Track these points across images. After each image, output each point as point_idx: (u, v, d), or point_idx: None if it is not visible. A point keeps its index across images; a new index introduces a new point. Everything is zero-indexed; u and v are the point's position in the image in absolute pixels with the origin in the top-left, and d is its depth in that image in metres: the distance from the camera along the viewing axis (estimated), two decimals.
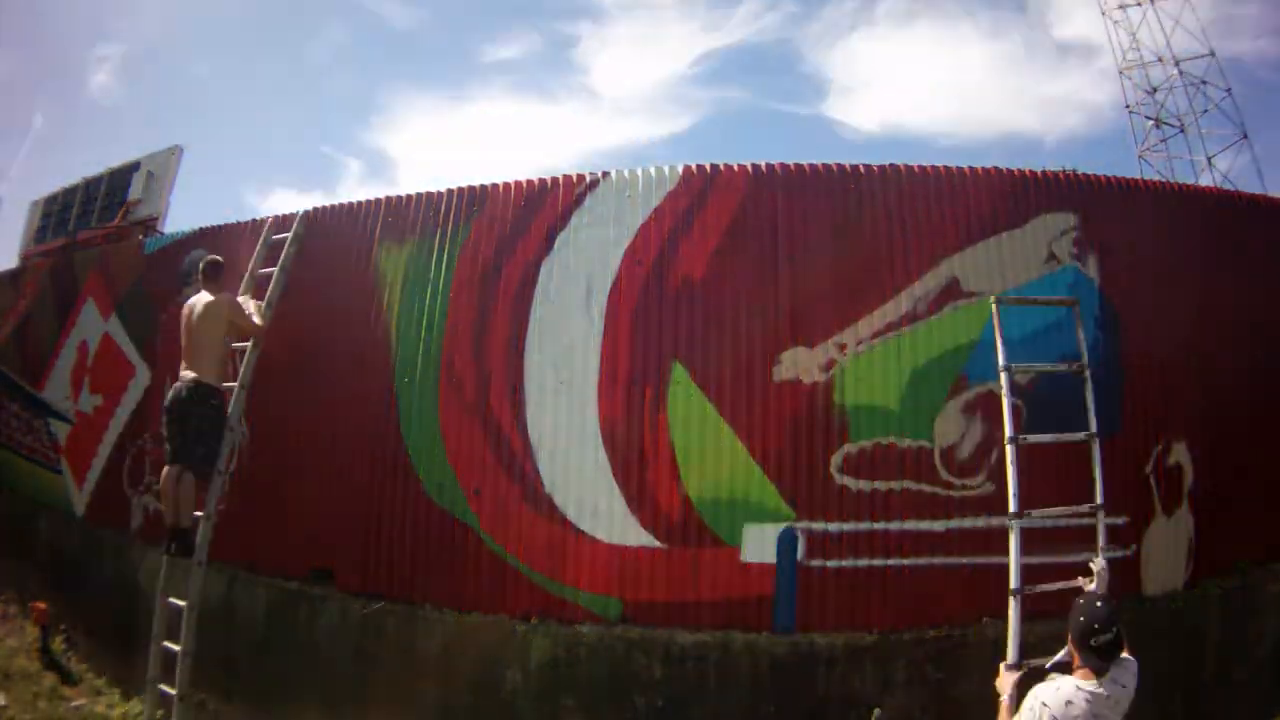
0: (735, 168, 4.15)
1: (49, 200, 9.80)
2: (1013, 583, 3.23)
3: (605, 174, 4.25)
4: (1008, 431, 3.40)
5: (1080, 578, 3.07)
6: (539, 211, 4.27)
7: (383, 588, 4.25)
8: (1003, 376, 3.49)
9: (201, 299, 4.39)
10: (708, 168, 4.15)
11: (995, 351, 3.95)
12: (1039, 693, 2.23)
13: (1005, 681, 2.61)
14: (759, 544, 3.78)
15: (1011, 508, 3.30)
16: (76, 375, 6.44)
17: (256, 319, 4.46)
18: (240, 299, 4.52)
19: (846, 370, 3.89)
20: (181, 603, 4.12)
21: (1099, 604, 2.28)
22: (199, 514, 4.23)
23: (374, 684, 4.15)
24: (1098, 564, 3.01)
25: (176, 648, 4.06)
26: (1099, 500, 3.43)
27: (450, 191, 4.53)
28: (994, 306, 3.62)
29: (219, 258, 4.57)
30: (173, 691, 4.02)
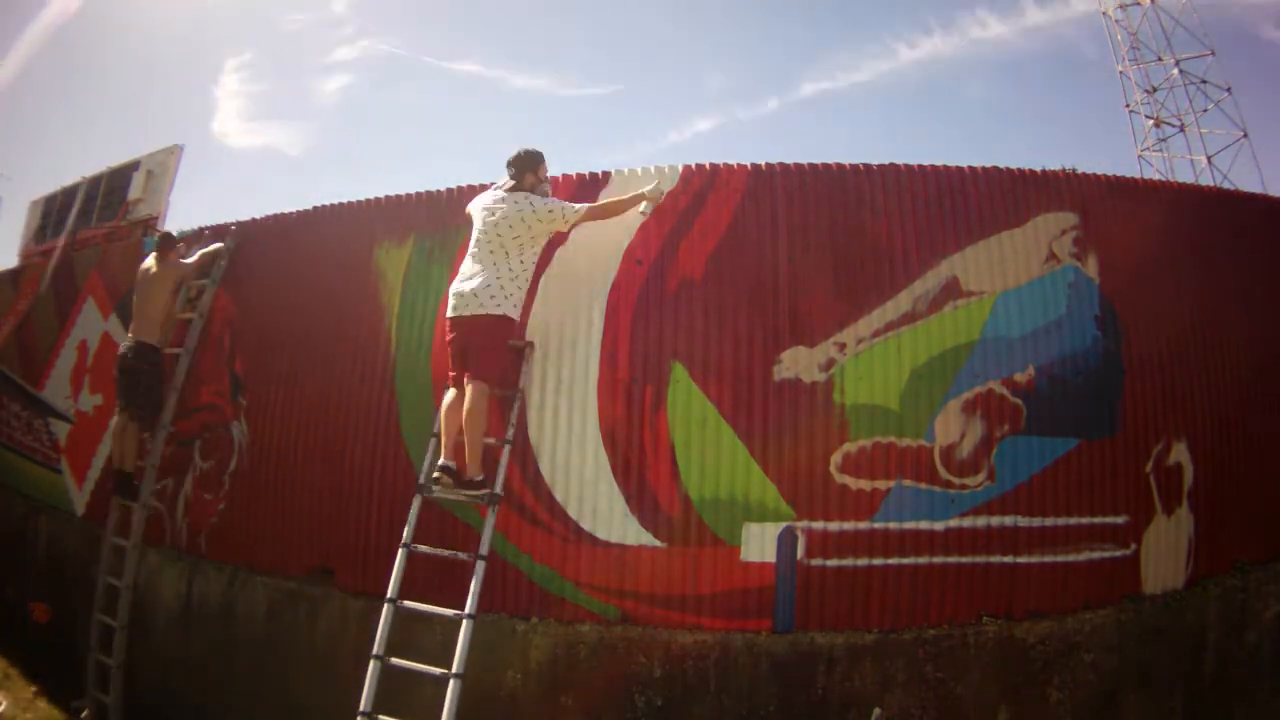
0: (735, 167, 4.14)
1: (49, 200, 9.81)
2: None
3: (605, 173, 4.24)
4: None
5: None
6: None
7: (383, 587, 4.23)
8: None
9: (150, 266, 5.00)
10: (707, 167, 4.15)
11: (995, 350, 3.98)
12: None
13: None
14: (759, 543, 3.78)
15: None
16: (76, 375, 6.44)
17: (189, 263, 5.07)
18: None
19: (846, 370, 3.89)
20: (119, 582, 4.68)
21: None
22: (142, 464, 4.82)
23: None
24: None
25: (114, 623, 4.65)
26: None
27: (450, 190, 4.53)
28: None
29: (170, 231, 5.27)
30: (111, 661, 4.56)
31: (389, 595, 3.66)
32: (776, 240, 4.02)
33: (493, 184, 4.13)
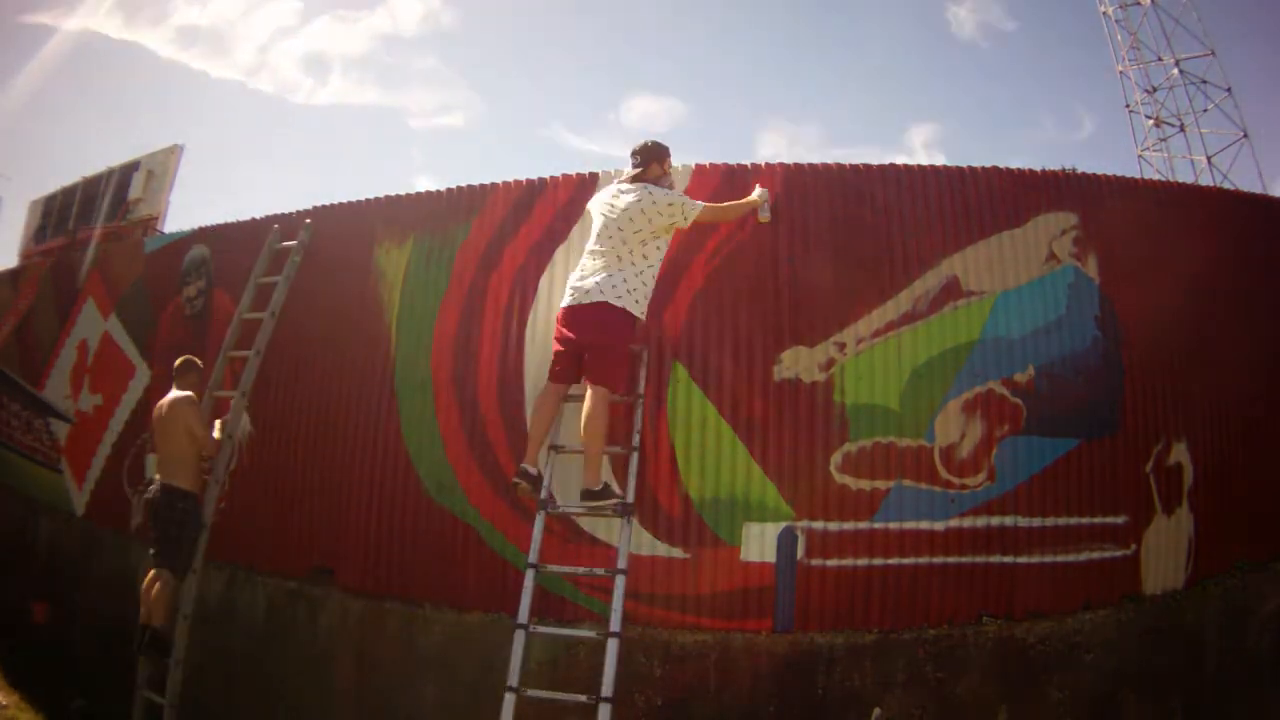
0: (735, 167, 4.14)
1: (49, 200, 9.83)
2: None
3: (606, 173, 4.24)
4: None
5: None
6: (540, 210, 4.26)
7: (383, 587, 4.25)
8: None
9: (169, 398, 4.49)
10: (708, 166, 4.15)
11: (995, 350, 3.98)
12: None
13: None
14: (759, 543, 3.78)
15: None
16: (76, 375, 6.45)
17: (215, 433, 4.53)
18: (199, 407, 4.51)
19: (846, 370, 3.89)
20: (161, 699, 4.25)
21: None
22: (166, 616, 4.29)
23: (374, 683, 4.15)
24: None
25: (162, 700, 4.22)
26: None
27: (451, 190, 4.54)
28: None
29: (193, 358, 4.64)
30: (162, 700, 4.20)
31: (519, 620, 3.39)
32: (776, 240, 4.01)
33: (613, 173, 4.04)
